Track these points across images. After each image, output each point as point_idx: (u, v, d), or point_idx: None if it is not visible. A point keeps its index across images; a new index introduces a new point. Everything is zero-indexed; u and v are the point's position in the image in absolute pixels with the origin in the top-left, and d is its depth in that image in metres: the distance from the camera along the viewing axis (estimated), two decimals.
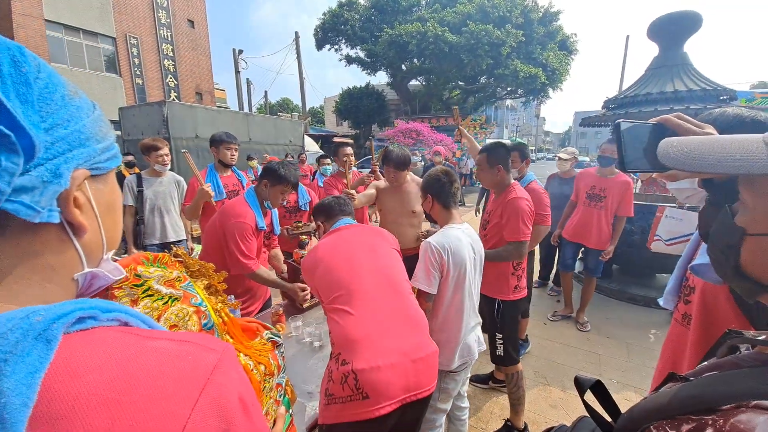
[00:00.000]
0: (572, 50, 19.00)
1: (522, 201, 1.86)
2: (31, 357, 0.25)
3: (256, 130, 8.04)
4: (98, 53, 13.30)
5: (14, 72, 0.29)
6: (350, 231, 1.52)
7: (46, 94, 0.31)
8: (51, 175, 0.30)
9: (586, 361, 2.80)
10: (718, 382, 0.40)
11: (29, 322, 0.27)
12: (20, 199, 0.28)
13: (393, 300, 1.29)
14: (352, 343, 1.15)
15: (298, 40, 18.06)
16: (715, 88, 3.44)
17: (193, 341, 0.35)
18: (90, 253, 0.37)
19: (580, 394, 0.56)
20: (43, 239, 0.32)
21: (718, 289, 0.90)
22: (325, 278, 1.32)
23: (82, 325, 0.30)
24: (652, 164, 0.65)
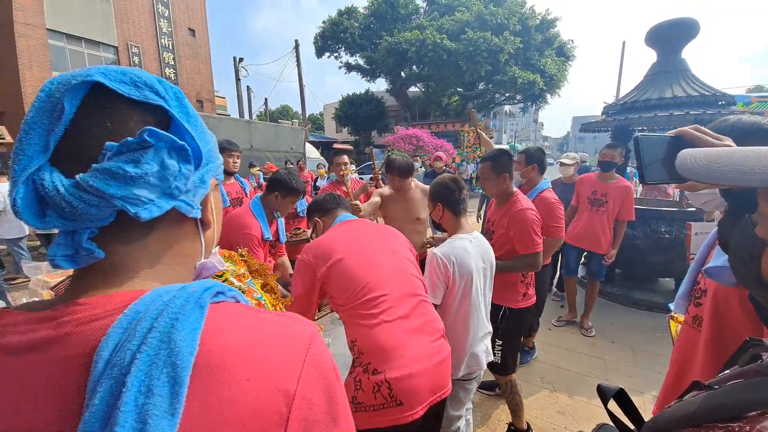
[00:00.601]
0: (569, 56, 19.22)
1: (528, 212, 1.83)
2: (193, 317, 0.32)
3: (258, 137, 8.09)
4: (100, 62, 13.41)
5: (179, 105, 0.38)
6: (362, 227, 1.42)
7: (196, 122, 0.40)
8: (200, 181, 0.39)
9: (593, 366, 2.79)
10: (743, 390, 0.40)
11: (188, 292, 0.34)
12: (184, 197, 0.37)
13: (416, 305, 1.27)
14: (385, 351, 1.12)
15: (298, 48, 18.24)
16: (713, 94, 3.47)
17: (293, 316, 0.42)
18: (207, 246, 0.44)
19: (604, 403, 0.57)
20: (185, 232, 0.41)
21: (730, 291, 0.90)
22: (345, 276, 1.21)
23: (217, 298, 0.37)
24: (671, 176, 0.66)
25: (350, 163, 3.55)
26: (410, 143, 14.24)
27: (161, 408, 0.27)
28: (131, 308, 0.32)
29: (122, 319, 0.31)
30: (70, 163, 0.32)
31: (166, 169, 0.34)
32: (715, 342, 0.95)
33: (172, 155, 0.35)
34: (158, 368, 0.29)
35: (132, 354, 0.29)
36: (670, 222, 3.58)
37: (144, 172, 0.33)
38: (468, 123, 16.97)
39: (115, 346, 0.29)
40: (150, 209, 0.34)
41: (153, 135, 0.33)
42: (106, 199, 0.31)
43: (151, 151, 0.33)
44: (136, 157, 0.32)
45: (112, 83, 0.34)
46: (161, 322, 0.31)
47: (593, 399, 2.41)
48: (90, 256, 0.34)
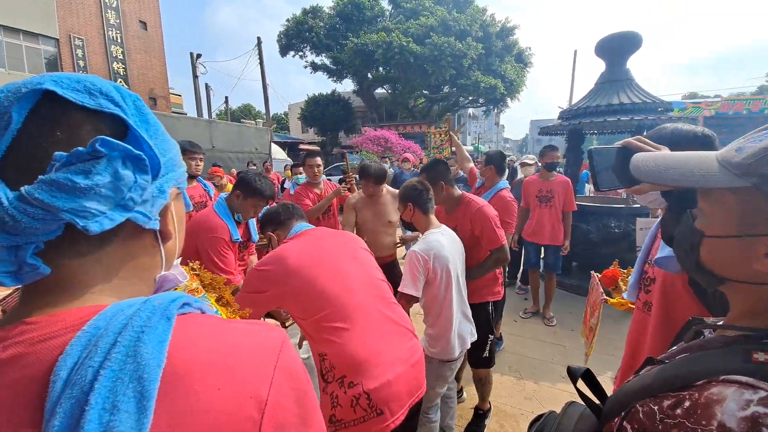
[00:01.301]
0: (527, 63, 20.27)
1: (486, 208, 1.93)
2: (159, 330, 0.32)
3: (220, 137, 7.76)
4: (39, 55, 12.22)
5: (137, 113, 0.37)
6: (318, 235, 1.41)
7: (156, 129, 0.40)
8: (159, 191, 0.38)
9: (555, 353, 2.98)
10: (690, 363, 0.46)
11: (153, 304, 0.34)
12: (140, 209, 0.36)
13: (385, 308, 1.26)
14: (359, 363, 1.09)
15: (260, 46, 17.69)
16: (653, 101, 3.84)
17: (262, 323, 0.43)
18: (168, 258, 0.43)
19: (573, 382, 0.62)
20: (143, 244, 0.40)
21: (676, 278, 1.01)
22: (307, 292, 1.17)
23: (183, 310, 0.37)
24: (621, 181, 0.77)
25: None
26: (379, 144, 14.32)
27: (128, 424, 0.27)
28: (90, 324, 0.30)
29: (81, 336, 0.30)
30: (16, 174, 0.30)
31: (119, 180, 0.33)
32: (663, 323, 1.05)
33: (127, 165, 0.34)
34: (124, 384, 0.28)
35: (94, 371, 0.28)
36: (619, 218, 3.91)
37: (95, 183, 0.31)
38: (434, 125, 17.37)
39: (74, 364, 0.28)
40: (101, 222, 0.32)
41: (105, 144, 0.32)
42: (51, 212, 0.30)
43: (104, 162, 0.32)
44: (87, 167, 0.31)
45: (64, 91, 0.32)
46: (126, 336, 0.30)
47: (557, 383, 2.58)
48: (35, 273, 0.32)
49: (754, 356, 0.39)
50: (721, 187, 0.44)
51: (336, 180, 5.84)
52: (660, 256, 1.01)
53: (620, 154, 0.76)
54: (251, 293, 1.24)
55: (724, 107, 12.97)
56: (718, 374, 0.40)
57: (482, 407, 2.21)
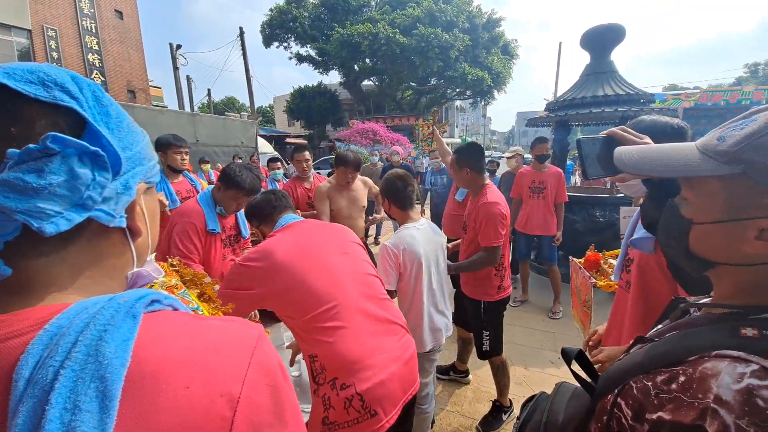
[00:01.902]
0: (513, 55, 20.35)
1: (495, 205, 1.84)
2: (124, 328, 0.31)
3: (204, 131, 7.56)
4: (10, 47, 11.60)
5: (96, 104, 0.36)
6: (307, 227, 1.33)
7: (119, 122, 0.38)
8: (123, 188, 0.37)
9: (544, 339, 3.07)
10: (681, 339, 0.48)
11: (117, 302, 0.33)
12: (102, 207, 0.34)
13: (376, 305, 1.22)
14: (352, 363, 1.07)
15: (243, 36, 17.23)
16: (637, 93, 3.93)
17: (236, 320, 0.41)
18: (140, 255, 0.42)
19: (567, 363, 0.65)
20: (111, 242, 0.38)
21: (650, 257, 1.08)
22: (296, 290, 1.11)
23: (152, 307, 0.36)
24: (606, 170, 0.80)
25: None
26: (367, 137, 14.23)
27: (90, 424, 0.26)
28: (52, 323, 0.30)
29: (42, 335, 0.29)
30: None
31: (76, 178, 0.31)
32: (641, 300, 1.13)
33: (85, 163, 0.32)
34: (85, 383, 0.27)
35: (55, 371, 0.27)
36: (603, 207, 4.02)
37: (48, 182, 0.30)
38: (423, 117, 17.36)
39: (36, 363, 0.28)
40: (57, 223, 0.31)
41: (58, 141, 0.30)
42: (5, 213, 0.29)
43: (58, 159, 0.30)
44: (40, 166, 0.29)
45: (17, 84, 0.31)
46: (87, 335, 0.29)
47: (546, 368, 2.67)
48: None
49: (742, 331, 0.42)
50: (705, 176, 0.45)
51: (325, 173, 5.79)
52: (635, 237, 1.08)
53: (605, 144, 0.79)
54: (233, 290, 1.16)
55: (703, 98, 13.32)
56: (709, 349, 0.41)
57: (501, 401, 2.17)
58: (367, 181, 2.94)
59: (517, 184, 3.71)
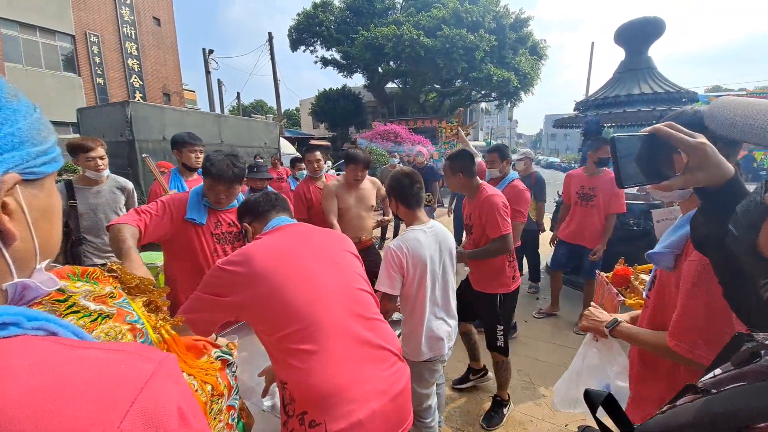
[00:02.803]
0: (542, 55, 19.71)
1: (494, 197, 1.97)
2: None
3: (228, 132, 7.74)
4: (55, 51, 12.49)
5: None
6: (293, 232, 1.19)
7: None
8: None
9: (568, 357, 2.83)
10: (747, 396, 0.36)
11: None
12: None
13: (363, 327, 1.05)
14: (324, 398, 0.91)
15: (271, 41, 17.69)
16: (678, 91, 3.62)
17: (128, 350, 0.34)
18: (20, 262, 0.35)
19: (592, 410, 0.52)
20: None
21: (671, 276, 0.95)
22: (272, 304, 0.97)
23: (4, 332, 0.29)
24: (647, 176, 0.65)
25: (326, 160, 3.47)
26: (388, 139, 14.19)
27: None
28: None
29: None
30: None
31: None
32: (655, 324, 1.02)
33: None
34: None
35: None
36: (638, 214, 3.70)
37: None
38: (446, 119, 17.13)
39: None
40: None
41: None
42: None
43: None
44: None
45: None
46: None
47: None
48: None
49: None
50: None
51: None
52: (654, 251, 0.96)
53: (646, 144, 0.64)
54: (209, 295, 1.03)
55: None
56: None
57: (501, 396, 2.22)
58: (375, 181, 2.93)
59: (565, 186, 3.39)
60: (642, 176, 0.65)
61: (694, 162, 0.59)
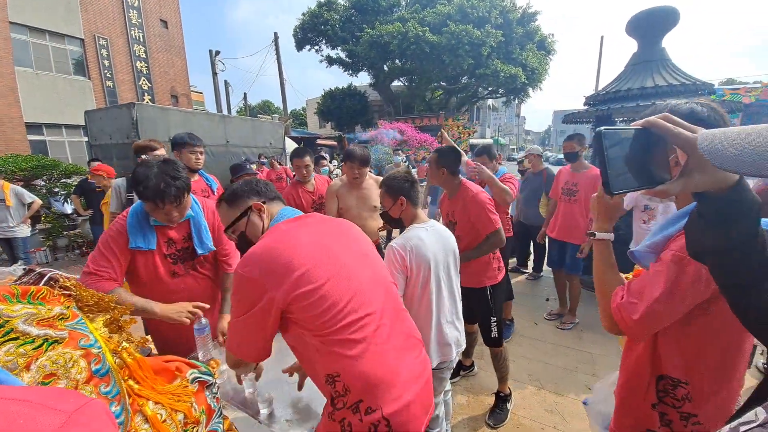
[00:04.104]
0: (550, 50, 19.38)
1: (480, 194, 2.02)
2: None
3: (234, 132, 7.74)
4: (65, 55, 12.65)
5: None
6: (320, 225, 1.10)
7: None
8: None
9: (580, 361, 2.74)
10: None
11: None
12: None
13: (397, 317, 1.08)
14: (378, 384, 0.93)
15: (277, 41, 17.70)
16: (694, 83, 3.45)
17: (33, 400, 0.29)
18: None
19: None
20: None
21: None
22: (317, 296, 0.92)
23: None
24: (640, 180, 0.56)
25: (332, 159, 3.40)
26: (393, 138, 14.09)
27: None
28: None
29: None
30: None
31: None
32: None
33: None
34: None
35: None
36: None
37: None
38: (452, 117, 16.96)
39: None
40: None
41: None
42: None
43: None
44: None
45: None
46: None
47: (582, 395, 2.35)
48: None
49: None
50: None
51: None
52: (636, 248, 0.92)
53: (638, 140, 0.54)
54: (248, 312, 0.93)
55: (765, 93, 11.92)
56: None
57: (503, 390, 2.23)
58: (379, 180, 2.80)
59: (555, 182, 3.39)
60: (634, 180, 0.55)
61: (694, 163, 0.51)
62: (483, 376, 2.56)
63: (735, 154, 0.36)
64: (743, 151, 0.35)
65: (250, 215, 1.11)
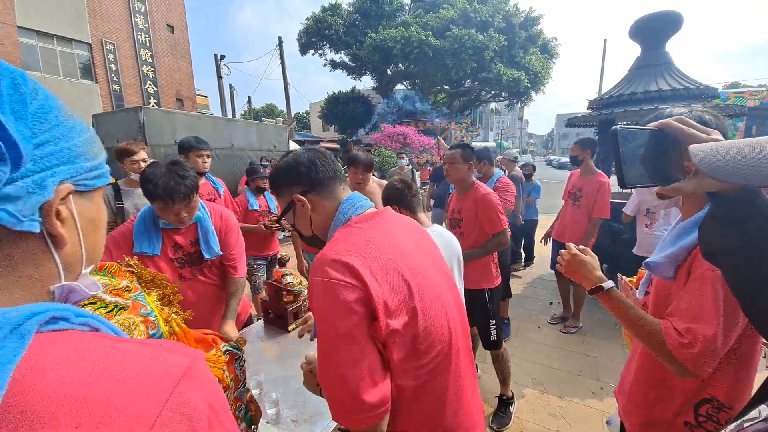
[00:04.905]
0: (553, 54, 19.42)
1: (492, 195, 2.07)
2: (5, 350, 0.27)
3: (238, 135, 7.82)
4: (72, 59, 12.85)
5: (13, 92, 0.32)
6: (396, 223, 0.86)
7: (41, 114, 0.34)
8: (36, 186, 0.32)
9: (584, 365, 2.73)
10: None
11: (5, 318, 0.29)
12: (4, 206, 0.30)
13: (468, 343, 0.87)
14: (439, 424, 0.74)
15: (281, 45, 17.87)
16: (697, 87, 3.47)
17: (164, 346, 0.36)
18: (68, 266, 0.37)
19: None
20: (23, 248, 0.33)
21: (671, 287, 0.92)
22: (419, 325, 0.71)
23: (54, 326, 0.32)
24: (653, 176, 0.59)
25: None
26: (397, 141, 14.16)
27: None
28: None
29: None
30: None
31: None
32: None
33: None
34: None
35: None
36: None
37: None
38: (455, 121, 17.01)
39: None
40: None
41: None
42: None
43: None
44: None
45: None
46: None
47: (586, 399, 2.35)
48: None
49: None
50: None
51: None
52: (652, 259, 0.92)
53: (653, 140, 0.58)
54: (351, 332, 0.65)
55: None
56: None
57: (505, 393, 2.24)
58: (383, 183, 2.85)
59: (565, 187, 3.42)
60: (648, 177, 0.59)
61: None
62: (486, 379, 2.56)
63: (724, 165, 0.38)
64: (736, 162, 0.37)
65: (295, 207, 0.85)
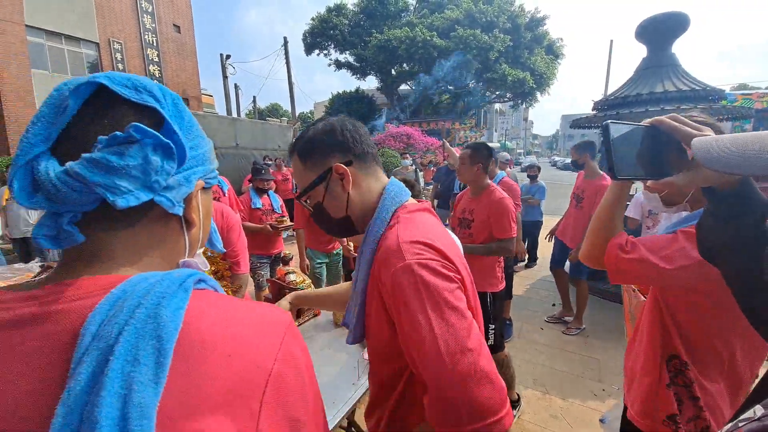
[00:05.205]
0: (558, 54, 19.33)
1: (508, 201, 2.03)
2: (177, 298, 0.35)
3: (243, 135, 7.88)
4: (80, 59, 12.97)
5: (174, 109, 0.42)
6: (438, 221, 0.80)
7: (189, 126, 0.44)
8: (186, 181, 0.42)
9: (586, 367, 2.72)
10: None
11: (173, 276, 0.37)
12: (166, 194, 0.39)
13: None
14: None
15: (286, 45, 17.92)
16: (704, 88, 3.43)
17: (267, 305, 0.44)
18: (192, 245, 0.47)
19: None
20: (170, 228, 0.43)
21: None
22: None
23: (199, 285, 0.40)
24: (647, 170, 0.61)
25: None
26: (401, 141, 14.14)
27: (146, 376, 0.30)
28: (118, 288, 0.34)
29: (109, 298, 0.33)
30: (67, 153, 0.35)
31: (149, 163, 0.37)
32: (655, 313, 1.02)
33: (157, 151, 0.37)
34: (145, 340, 0.31)
35: (120, 327, 0.31)
36: None
37: (126, 163, 0.35)
38: (459, 121, 16.97)
39: (101, 320, 0.32)
40: (127, 198, 0.36)
41: (139, 131, 0.36)
42: (88, 185, 0.34)
43: (137, 146, 0.36)
44: (121, 149, 0.35)
45: (114, 86, 0.37)
46: (148, 300, 0.33)
47: (588, 401, 2.34)
48: (70, 239, 0.36)
49: None
50: None
51: None
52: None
53: (648, 136, 0.61)
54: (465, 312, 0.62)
55: None
56: None
57: (510, 396, 2.18)
58: None
59: (573, 188, 3.44)
60: (641, 170, 0.61)
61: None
62: None
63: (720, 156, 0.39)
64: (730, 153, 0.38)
65: (330, 182, 0.72)
